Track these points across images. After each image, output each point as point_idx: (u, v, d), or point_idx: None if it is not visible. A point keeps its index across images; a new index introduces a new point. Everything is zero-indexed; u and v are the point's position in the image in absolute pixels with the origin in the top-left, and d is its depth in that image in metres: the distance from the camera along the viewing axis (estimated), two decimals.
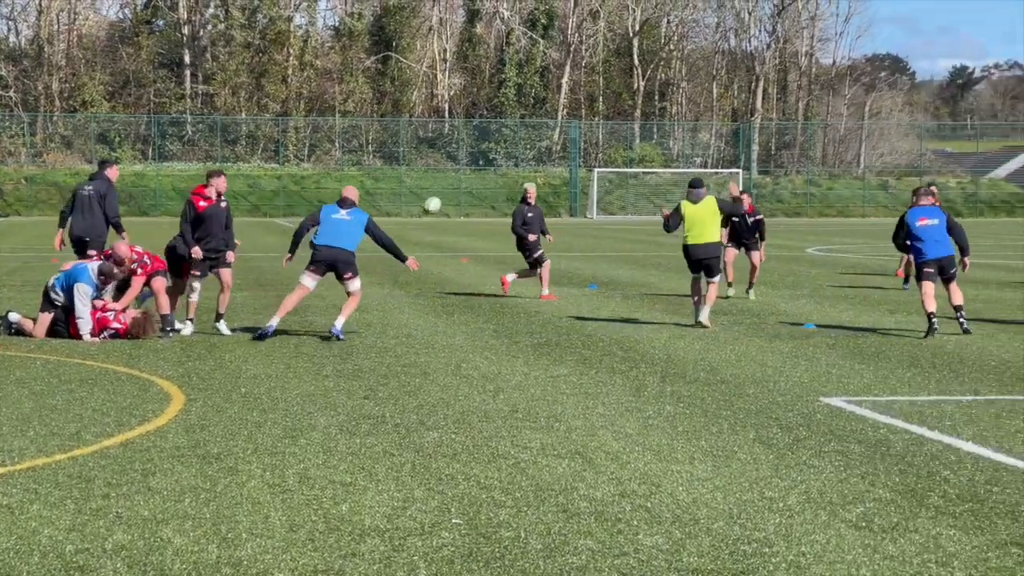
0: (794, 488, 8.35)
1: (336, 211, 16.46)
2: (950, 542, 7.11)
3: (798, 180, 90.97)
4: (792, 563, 6.74)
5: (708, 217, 17.78)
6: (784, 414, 11.07)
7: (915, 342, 16.20)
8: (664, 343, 16.02)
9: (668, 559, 6.80)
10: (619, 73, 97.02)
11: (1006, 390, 12.47)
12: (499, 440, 9.88)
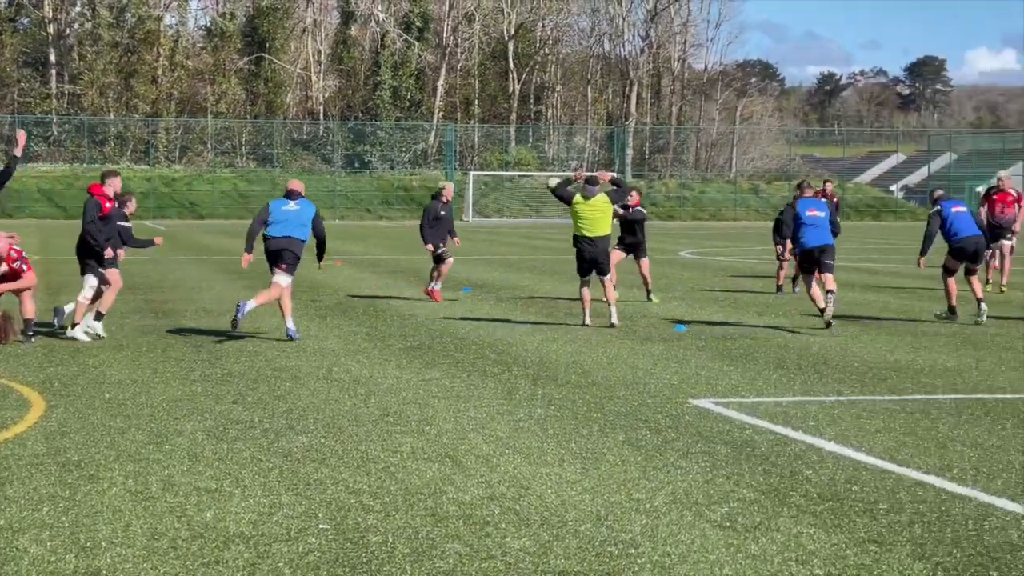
0: (661, 489, 8.43)
1: (285, 203, 16.79)
2: (810, 540, 7.22)
3: (671, 184, 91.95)
4: (657, 563, 6.80)
5: (599, 212, 18.10)
6: (653, 416, 11.17)
7: (783, 344, 16.45)
8: (537, 346, 16.08)
9: (535, 562, 6.82)
10: (494, 76, 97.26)
11: (867, 391, 12.72)
12: (369, 444, 9.83)
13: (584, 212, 18.11)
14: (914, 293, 24.77)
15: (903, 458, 9.44)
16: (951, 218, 19.21)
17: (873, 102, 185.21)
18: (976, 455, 9.55)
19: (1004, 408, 11.68)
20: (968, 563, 6.81)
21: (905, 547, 7.10)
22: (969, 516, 7.76)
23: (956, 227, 19.16)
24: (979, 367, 14.37)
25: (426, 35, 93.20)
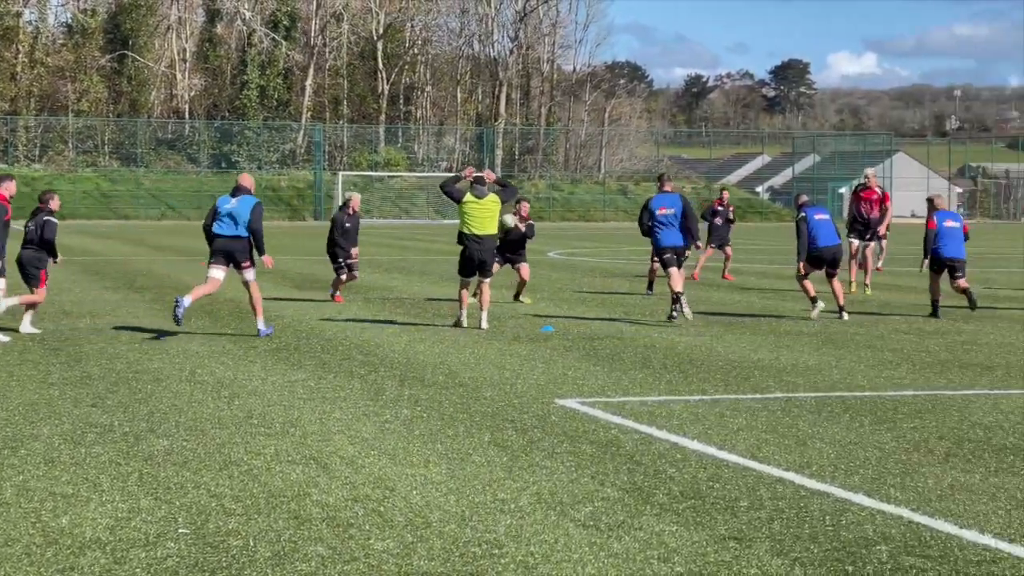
0: (526, 489, 8.44)
1: (228, 200, 17.03)
2: (672, 538, 7.28)
3: (541, 184, 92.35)
4: (521, 563, 6.80)
5: (488, 212, 18.00)
6: (520, 416, 11.19)
7: (649, 344, 16.59)
8: (404, 347, 16.03)
9: (398, 563, 6.79)
10: (363, 76, 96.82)
11: (731, 389, 12.88)
12: (232, 447, 9.71)
13: (474, 211, 17.94)
14: (778, 293, 25.17)
15: (764, 455, 9.57)
16: (813, 225, 19.61)
17: (739, 104, 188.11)
18: (835, 452, 9.72)
19: (862, 405, 11.90)
20: (825, 558, 6.92)
21: (764, 543, 7.19)
22: (827, 512, 7.88)
23: (816, 234, 19.53)
24: (839, 365, 14.63)
25: (294, 34, 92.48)
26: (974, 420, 11.09)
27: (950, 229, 20.24)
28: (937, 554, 6.98)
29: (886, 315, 20.61)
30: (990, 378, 13.71)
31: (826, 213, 20.13)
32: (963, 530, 7.45)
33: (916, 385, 13.20)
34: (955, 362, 14.96)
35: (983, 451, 9.75)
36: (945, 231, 20.20)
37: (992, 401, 12.16)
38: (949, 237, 20.14)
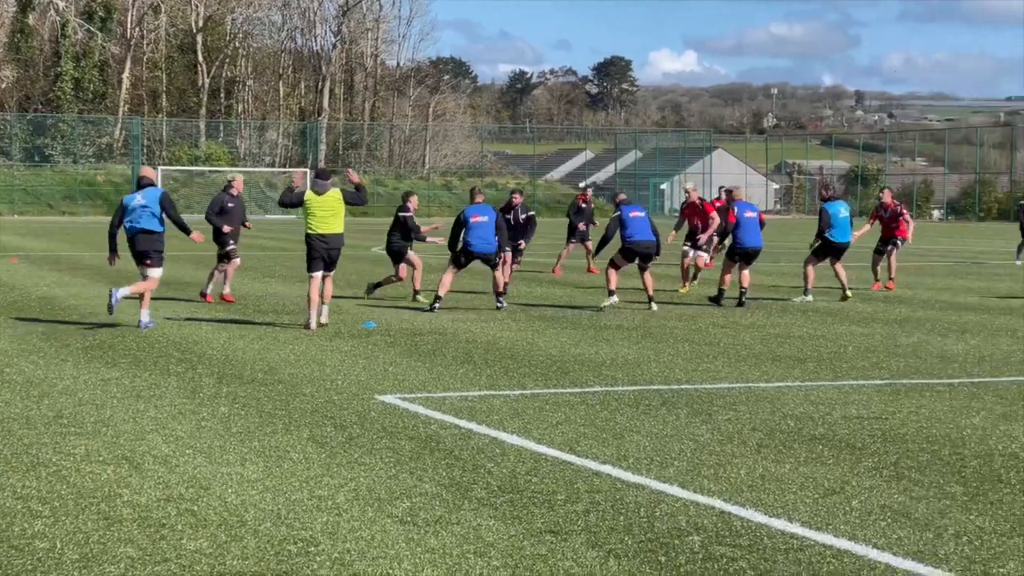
0: (344, 486, 8.38)
1: (133, 197, 17.29)
2: (489, 532, 7.30)
3: (365, 180, 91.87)
4: (336, 560, 6.75)
5: (331, 209, 17.52)
6: (339, 413, 11.11)
7: (470, 339, 16.62)
8: (223, 343, 15.79)
9: (211, 563, 6.67)
10: (183, 70, 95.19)
11: (551, 384, 12.97)
12: (40, 447, 9.45)
13: (315, 209, 17.45)
14: (599, 289, 25.43)
15: (582, 449, 9.65)
16: (628, 221, 20.45)
17: (563, 101, 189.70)
18: (651, 444, 9.85)
19: (679, 398, 12.09)
20: (639, 549, 7.00)
21: (580, 536, 7.25)
22: (642, 504, 7.98)
23: (631, 230, 20.42)
24: (658, 359, 14.84)
25: (109, 25, 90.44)
26: (786, 411, 11.34)
27: (749, 220, 21.56)
28: (747, 543, 7.12)
29: (707, 308, 20.98)
30: (802, 370, 14.05)
31: (641, 211, 20.90)
32: (772, 519, 7.61)
33: (731, 378, 13.46)
34: (769, 355, 15.30)
35: (793, 442, 9.97)
36: (745, 221, 21.50)
37: (803, 393, 12.46)
38: (748, 227, 21.45)
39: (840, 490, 8.35)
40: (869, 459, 9.33)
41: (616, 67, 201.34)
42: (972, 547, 7.05)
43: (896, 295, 23.99)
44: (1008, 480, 8.68)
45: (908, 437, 10.16)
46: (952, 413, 11.29)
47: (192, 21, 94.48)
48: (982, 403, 11.85)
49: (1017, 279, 29.30)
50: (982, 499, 8.14)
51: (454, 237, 20.67)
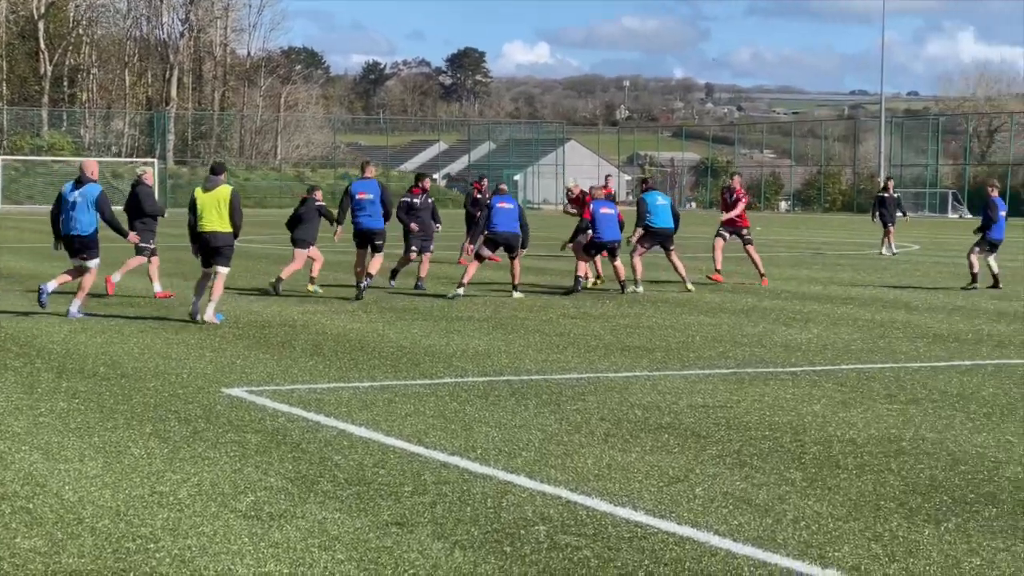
0: (187, 481, 8.25)
1: (70, 192, 17.26)
2: (335, 525, 7.24)
3: None
4: (177, 557, 6.63)
5: (216, 206, 17.00)
6: (184, 407, 10.93)
7: (320, 331, 16.49)
8: (64, 337, 15.44)
9: (46, 562, 6.51)
10: (24, 57, 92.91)
11: (401, 375, 12.93)
12: None
13: (199, 206, 17.05)
14: (452, 280, 25.40)
15: (431, 441, 9.63)
16: (495, 211, 21.43)
17: (417, 92, 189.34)
18: (500, 435, 9.86)
19: (528, 388, 12.13)
20: (485, 539, 7.00)
21: (426, 527, 7.23)
22: (489, 494, 7.99)
23: (496, 220, 21.34)
24: (508, 350, 14.88)
25: None
26: (633, 401, 11.45)
27: (605, 216, 22.26)
28: (592, 531, 7.17)
29: (559, 299, 21.10)
30: (650, 360, 14.19)
31: (511, 202, 21.78)
32: (617, 508, 7.67)
33: (581, 368, 13.55)
34: (618, 345, 15.43)
35: (640, 431, 10.07)
36: (600, 217, 22.15)
37: (651, 382, 12.59)
38: (604, 223, 22.10)
39: (684, 478, 8.45)
40: (713, 447, 9.46)
41: (470, 59, 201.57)
42: (810, 531, 7.19)
43: (744, 284, 24.37)
44: (845, 465, 8.86)
45: (751, 425, 10.33)
46: (794, 401, 11.50)
47: (33, 7, 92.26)
48: (823, 391, 12.09)
49: (859, 269, 29.98)
50: (820, 484, 8.30)
51: (341, 211, 21.54)
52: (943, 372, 13.38)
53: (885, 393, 11.97)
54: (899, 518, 7.49)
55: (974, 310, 19.90)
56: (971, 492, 8.12)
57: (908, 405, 11.32)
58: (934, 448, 9.44)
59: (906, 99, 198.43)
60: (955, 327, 17.53)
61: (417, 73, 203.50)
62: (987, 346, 15.57)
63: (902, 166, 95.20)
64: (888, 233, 36.08)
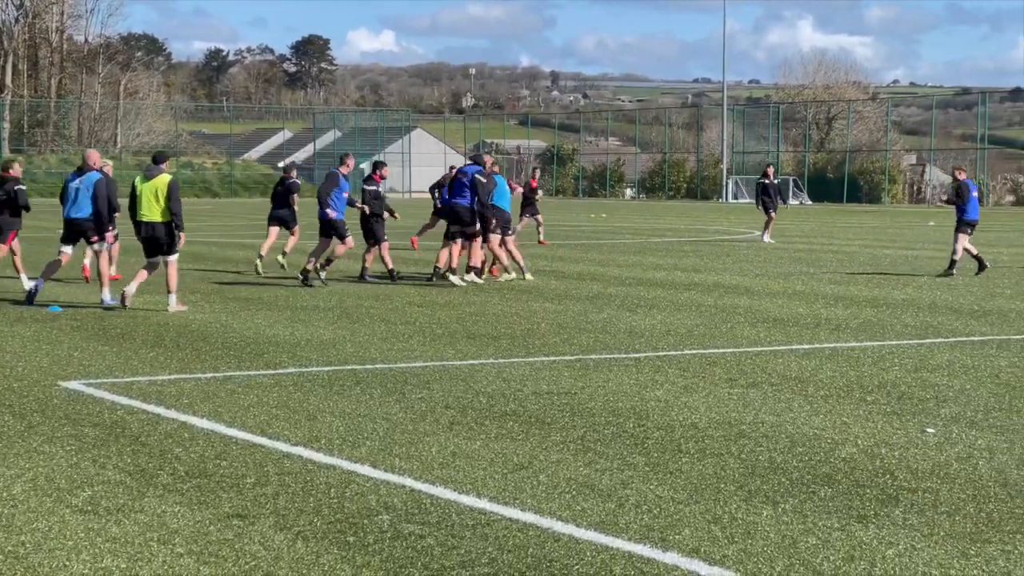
0: (21, 476, 8.04)
1: (73, 180, 17.92)
2: (174, 519, 7.12)
3: (53, 159, 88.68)
4: (11, 554, 6.46)
5: (152, 196, 17.21)
6: (19, 401, 10.67)
7: (162, 322, 16.22)
8: None
9: None
10: None
11: (244, 366, 12.77)
12: None
13: (138, 194, 17.36)
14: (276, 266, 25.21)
15: (274, 431, 9.53)
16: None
17: (261, 79, 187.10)
18: (344, 424, 9.80)
19: (374, 378, 12.07)
20: (328, 530, 6.95)
21: (269, 519, 7.15)
22: (332, 484, 7.93)
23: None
24: (353, 339, 14.79)
25: None
26: (479, 388, 11.46)
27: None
28: (435, 520, 7.16)
29: (406, 288, 21.05)
30: (495, 347, 14.23)
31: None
32: (462, 495, 7.67)
33: (426, 356, 13.53)
34: (464, 333, 15.44)
35: (485, 418, 10.08)
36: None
37: (496, 369, 12.62)
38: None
39: (528, 465, 8.48)
40: (557, 434, 9.51)
41: (314, 46, 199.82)
42: (651, 515, 7.27)
43: (590, 271, 24.55)
44: (687, 450, 8.98)
45: (595, 411, 10.41)
46: (638, 387, 11.62)
47: None
48: (666, 376, 12.24)
49: (702, 255, 30.44)
50: (662, 469, 8.40)
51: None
52: (782, 356, 13.65)
53: (726, 377, 12.17)
54: (738, 500, 7.62)
55: (813, 295, 20.34)
56: (808, 473, 8.29)
57: (748, 389, 11.52)
58: (773, 431, 9.62)
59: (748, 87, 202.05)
60: (795, 312, 17.90)
61: (261, 60, 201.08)
62: (825, 330, 15.93)
63: (744, 153, 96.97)
64: (770, 220, 35.79)
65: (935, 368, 12.74)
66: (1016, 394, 11.26)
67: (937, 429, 9.69)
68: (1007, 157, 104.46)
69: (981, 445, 9.14)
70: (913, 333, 15.59)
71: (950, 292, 20.87)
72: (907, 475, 8.22)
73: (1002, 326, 16.32)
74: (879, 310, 18.11)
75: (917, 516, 7.28)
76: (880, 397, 11.09)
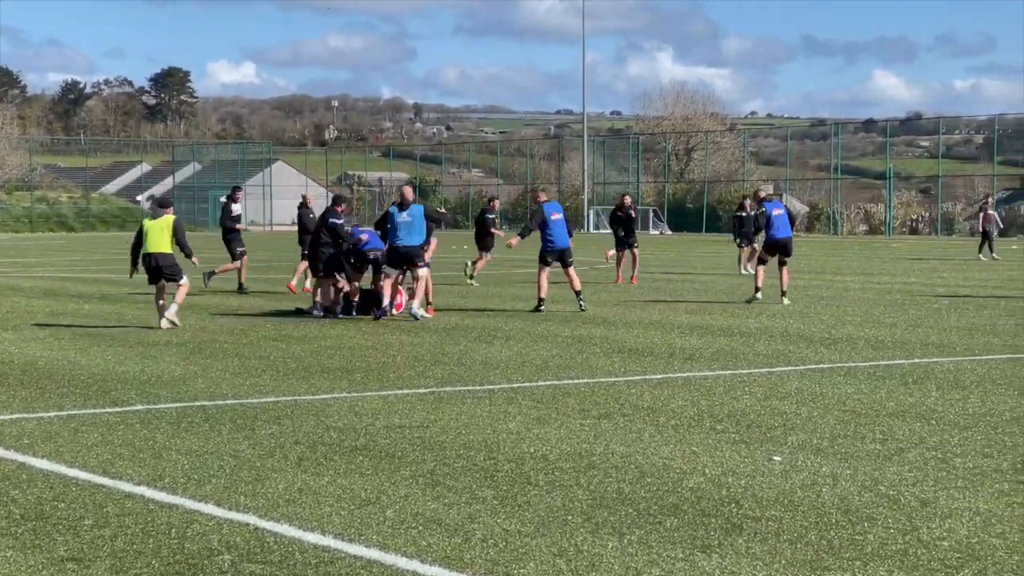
0: None
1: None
2: (6, 564, 6.90)
3: None
4: None
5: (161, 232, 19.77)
6: None
7: (7, 360, 15.82)
8: None
9: None
10: None
11: (90, 404, 12.48)
12: None
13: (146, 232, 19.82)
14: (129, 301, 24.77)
15: (117, 471, 9.31)
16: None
17: (119, 112, 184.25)
18: (190, 462, 9.61)
19: (223, 414, 11.88)
20: (166, 571, 6.79)
21: (105, 561, 6.96)
22: (174, 524, 7.75)
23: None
24: (205, 375, 14.55)
25: None
26: (330, 423, 11.33)
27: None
28: (278, 559, 7.03)
29: (261, 321, 20.80)
30: (349, 381, 14.10)
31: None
32: (306, 533, 7.56)
33: (279, 391, 13.36)
34: (318, 367, 15.29)
35: (335, 453, 9.96)
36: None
37: (349, 403, 12.50)
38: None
39: (376, 500, 8.39)
40: (407, 468, 9.43)
41: (174, 78, 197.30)
42: (497, 549, 7.22)
43: (447, 303, 24.50)
44: (537, 482, 8.96)
45: (446, 444, 10.35)
46: (490, 419, 11.59)
47: None
48: (519, 407, 12.23)
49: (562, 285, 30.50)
50: (511, 502, 8.37)
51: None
52: (636, 386, 13.73)
53: (579, 408, 12.19)
54: (585, 532, 7.61)
55: (669, 324, 20.53)
56: (655, 504, 8.32)
57: (600, 420, 11.55)
58: (623, 461, 9.65)
59: (609, 118, 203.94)
60: (650, 341, 18.04)
61: (119, 93, 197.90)
62: (679, 359, 16.06)
63: (605, 184, 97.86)
64: (744, 252, 34.52)
65: (784, 396, 12.91)
66: (861, 421, 11.45)
67: (783, 457, 9.80)
68: (861, 187, 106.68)
69: (825, 472, 9.26)
70: (764, 361, 15.80)
71: (802, 320, 21.22)
72: (752, 504, 8.29)
73: (850, 353, 16.62)
74: (732, 339, 18.33)
75: (760, 545, 7.34)
76: (729, 426, 11.20)
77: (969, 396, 12.86)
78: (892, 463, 9.58)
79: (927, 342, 17.82)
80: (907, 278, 32.94)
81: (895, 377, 14.31)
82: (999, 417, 11.61)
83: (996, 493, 8.61)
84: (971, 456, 9.86)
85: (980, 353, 16.52)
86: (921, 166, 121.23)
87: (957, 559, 7.06)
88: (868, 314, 22.39)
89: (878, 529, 7.67)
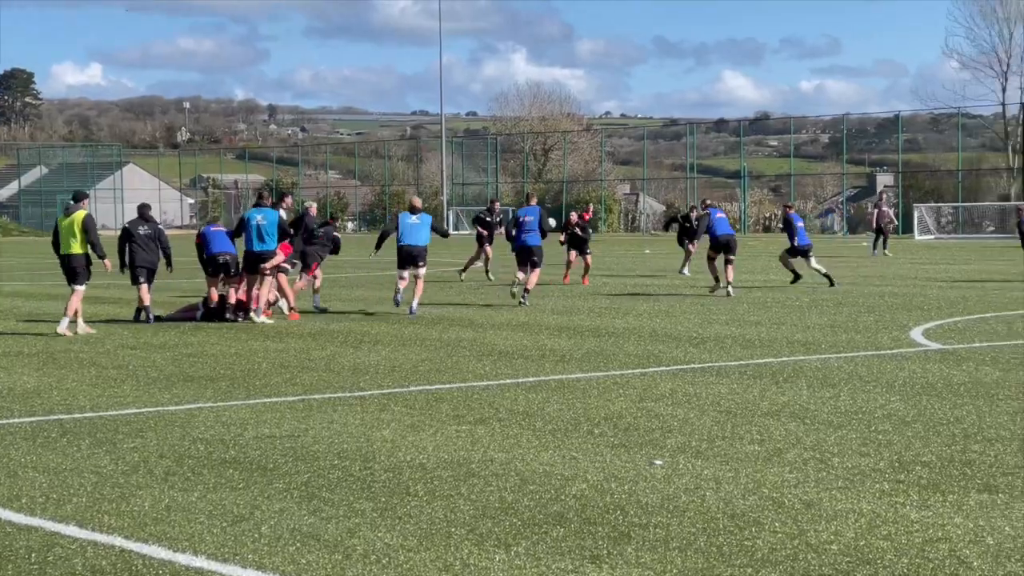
0: None
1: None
2: None
3: None
4: None
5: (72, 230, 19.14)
6: None
7: None
8: None
9: None
10: None
11: None
12: None
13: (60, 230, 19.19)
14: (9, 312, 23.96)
15: None
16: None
17: None
18: (48, 480, 9.15)
19: (81, 427, 11.39)
20: None
21: None
22: (33, 548, 7.33)
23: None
24: (60, 386, 14.00)
25: None
26: (196, 435, 10.92)
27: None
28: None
29: (118, 329, 20.19)
30: (214, 390, 13.67)
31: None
32: (177, 553, 7.19)
33: (140, 402, 12.88)
34: (180, 375, 14.81)
35: (204, 467, 9.57)
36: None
37: (215, 413, 12.09)
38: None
39: (250, 516, 8.04)
40: (280, 480, 9.08)
41: (18, 80, 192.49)
42: (380, 566, 6.93)
43: (308, 306, 24.06)
44: (416, 492, 8.68)
45: (320, 454, 10.01)
46: (363, 426, 11.27)
47: None
48: (392, 414, 11.93)
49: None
50: (391, 514, 8.07)
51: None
52: (510, 390, 13.50)
53: (453, 414, 11.93)
54: (470, 544, 7.35)
55: (537, 326, 20.37)
56: (540, 512, 8.09)
57: (476, 425, 11.30)
58: (503, 469, 9.41)
59: (465, 119, 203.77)
60: (520, 343, 17.84)
61: None
62: (550, 361, 15.89)
63: (464, 184, 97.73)
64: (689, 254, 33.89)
65: (659, 397, 12.79)
66: (738, 421, 11.37)
67: (664, 460, 9.65)
68: (715, 185, 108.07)
69: (708, 475, 9.13)
70: (636, 362, 15.69)
71: (669, 320, 21.22)
72: (637, 510, 8.11)
73: (720, 352, 16.60)
74: (601, 340, 18.22)
75: (649, 553, 7.16)
76: (607, 429, 11.03)
77: (839, 394, 12.88)
78: (773, 464, 9.49)
79: (793, 340, 17.90)
80: (766, 276, 33.26)
81: (766, 376, 14.30)
82: (871, 415, 11.62)
83: (878, 493, 8.55)
84: (848, 455, 9.81)
85: (845, 350, 16.63)
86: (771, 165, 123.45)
87: (847, 563, 6.95)
88: (733, 312, 22.49)
89: (766, 534, 7.53)
